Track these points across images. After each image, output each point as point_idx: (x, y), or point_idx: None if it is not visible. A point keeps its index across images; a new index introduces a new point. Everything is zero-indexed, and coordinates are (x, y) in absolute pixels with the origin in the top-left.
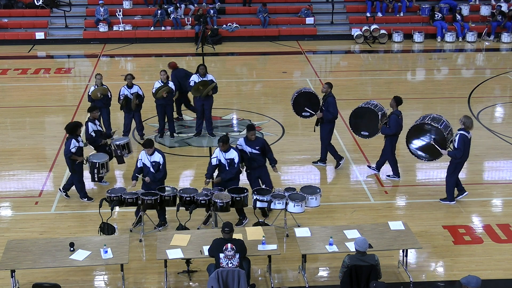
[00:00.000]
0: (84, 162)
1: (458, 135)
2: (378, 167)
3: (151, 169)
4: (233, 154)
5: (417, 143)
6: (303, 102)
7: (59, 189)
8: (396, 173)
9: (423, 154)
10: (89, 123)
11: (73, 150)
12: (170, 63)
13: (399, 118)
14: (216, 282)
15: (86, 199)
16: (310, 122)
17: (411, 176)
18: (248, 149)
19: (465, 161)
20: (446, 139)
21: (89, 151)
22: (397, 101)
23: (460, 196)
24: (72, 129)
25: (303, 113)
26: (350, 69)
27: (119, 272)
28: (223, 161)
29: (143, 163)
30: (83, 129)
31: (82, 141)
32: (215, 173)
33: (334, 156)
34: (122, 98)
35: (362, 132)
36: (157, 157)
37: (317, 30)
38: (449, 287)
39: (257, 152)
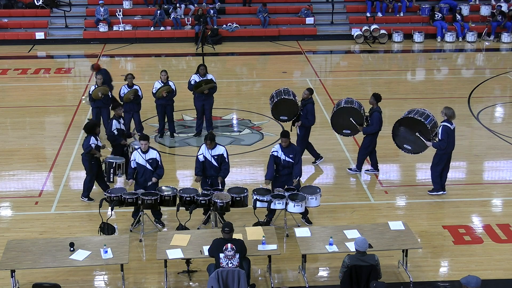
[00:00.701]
0: (101, 161)
1: (441, 127)
2: (374, 165)
3: (148, 167)
4: (221, 150)
5: (402, 136)
6: (282, 107)
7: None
8: (359, 167)
9: (409, 147)
10: (114, 121)
11: (92, 145)
12: (93, 65)
13: (380, 115)
14: (216, 282)
15: (87, 199)
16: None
17: (411, 176)
18: (282, 156)
19: (451, 152)
20: (430, 131)
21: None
22: (377, 98)
23: (439, 192)
24: (91, 128)
25: (281, 117)
26: (350, 69)
27: (119, 272)
28: (209, 157)
29: (136, 163)
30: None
31: (100, 141)
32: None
33: (312, 154)
34: (124, 94)
35: (344, 131)
36: (153, 153)
37: (317, 30)
38: (449, 287)
39: (291, 160)
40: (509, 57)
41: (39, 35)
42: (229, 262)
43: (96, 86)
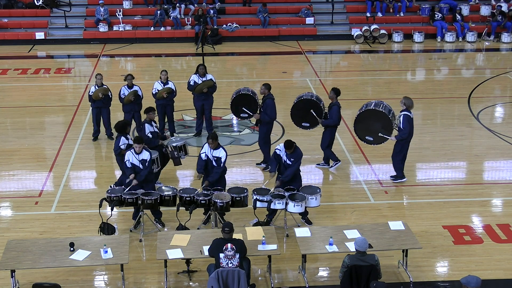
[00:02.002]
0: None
1: (402, 116)
2: (327, 161)
3: (142, 167)
4: (221, 153)
5: (364, 128)
6: (242, 103)
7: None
8: (327, 162)
9: (371, 138)
10: (146, 124)
11: (123, 146)
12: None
13: (339, 109)
14: (216, 282)
15: None
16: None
17: (411, 176)
18: (284, 157)
19: (410, 139)
20: (391, 122)
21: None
22: (337, 92)
23: (399, 181)
24: (121, 127)
25: (241, 114)
26: (350, 69)
27: (119, 272)
28: (210, 157)
29: (131, 163)
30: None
31: (132, 139)
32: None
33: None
34: (123, 97)
35: (303, 124)
36: (146, 155)
37: (317, 30)
38: (449, 287)
39: (290, 163)
40: (509, 57)
41: (39, 35)
42: (229, 262)
43: (96, 87)
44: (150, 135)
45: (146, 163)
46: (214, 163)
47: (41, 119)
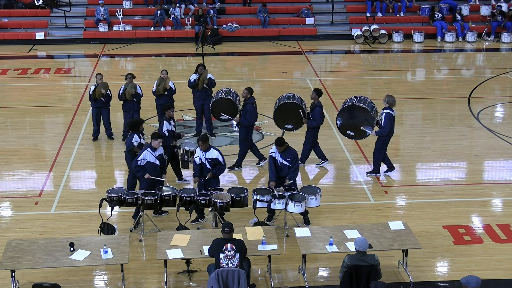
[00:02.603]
0: None
1: (384, 114)
2: (302, 160)
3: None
4: (214, 154)
5: (345, 123)
6: (222, 106)
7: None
8: (303, 160)
9: (352, 133)
10: (165, 122)
11: (135, 143)
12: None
13: (322, 110)
14: (216, 282)
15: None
16: None
17: (411, 176)
18: (279, 158)
19: (391, 137)
20: (373, 118)
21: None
22: (318, 93)
23: (389, 172)
24: (135, 125)
25: (221, 117)
26: (350, 69)
27: (119, 272)
28: (203, 160)
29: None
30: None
31: (144, 139)
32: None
33: (256, 155)
34: (123, 90)
35: (286, 126)
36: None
37: (317, 30)
38: (449, 287)
39: (287, 163)
40: (509, 57)
41: (39, 35)
42: (229, 262)
43: (96, 86)
44: (166, 133)
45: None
46: (208, 165)
47: (41, 119)
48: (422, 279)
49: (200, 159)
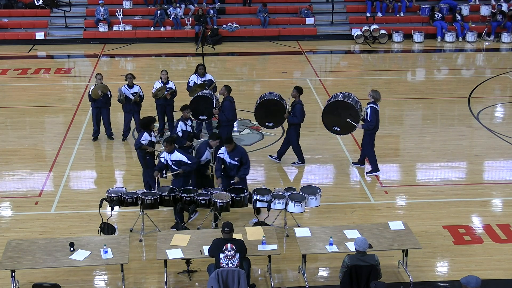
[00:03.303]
0: (156, 156)
1: (369, 108)
2: (280, 155)
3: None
4: (178, 156)
5: (331, 119)
6: (201, 104)
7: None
8: (301, 159)
9: (337, 129)
10: (180, 122)
11: (144, 142)
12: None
13: (303, 107)
14: (216, 282)
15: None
16: (310, 122)
17: (411, 176)
18: (228, 159)
19: (377, 131)
20: (358, 113)
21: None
22: (299, 90)
23: (357, 165)
24: (146, 124)
25: (200, 116)
26: (350, 69)
27: (119, 272)
28: (169, 162)
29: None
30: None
31: (156, 137)
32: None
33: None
34: (121, 96)
35: (267, 124)
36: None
37: (317, 30)
38: (449, 287)
39: (236, 163)
40: (509, 57)
41: (39, 35)
42: (229, 262)
43: (96, 85)
44: (180, 134)
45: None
46: (174, 167)
47: (41, 119)
48: (422, 279)
49: (166, 159)
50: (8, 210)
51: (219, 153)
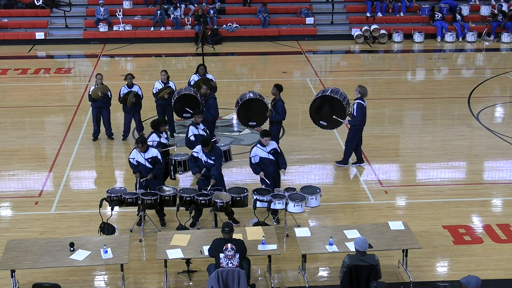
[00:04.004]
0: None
1: (355, 104)
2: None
3: (148, 165)
4: (153, 153)
5: (319, 114)
6: (184, 102)
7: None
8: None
9: (325, 123)
10: (191, 127)
11: (150, 143)
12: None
13: (284, 105)
14: (216, 282)
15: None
16: (310, 122)
17: (411, 176)
18: (204, 158)
19: (363, 127)
20: (345, 108)
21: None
22: (279, 88)
23: (357, 164)
24: (156, 125)
25: (184, 114)
26: (350, 69)
27: (119, 272)
28: (142, 161)
29: (137, 161)
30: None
31: (167, 138)
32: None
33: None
34: (122, 95)
35: (250, 123)
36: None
37: (317, 30)
38: (449, 287)
39: (212, 162)
40: (509, 57)
41: (39, 35)
42: (229, 262)
43: (96, 86)
44: (193, 138)
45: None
46: (148, 165)
47: (41, 119)
48: (422, 279)
49: (137, 160)
50: (8, 210)
51: (193, 151)
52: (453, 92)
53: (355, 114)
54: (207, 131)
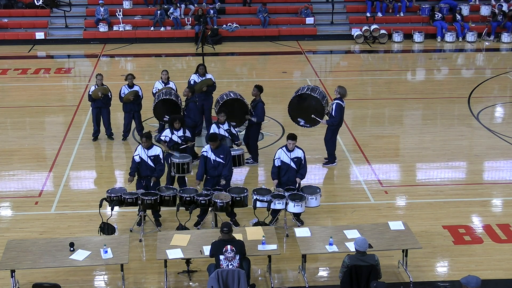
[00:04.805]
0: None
1: (334, 104)
2: (255, 158)
3: (150, 163)
4: (156, 151)
5: (297, 111)
6: (164, 107)
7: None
8: (255, 159)
9: (302, 121)
10: (213, 125)
11: (162, 138)
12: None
13: (263, 106)
14: (216, 282)
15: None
16: None
17: (411, 176)
18: (212, 156)
19: (340, 127)
20: (324, 107)
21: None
22: (260, 89)
23: (330, 164)
24: (171, 121)
25: (164, 119)
26: (350, 69)
27: (119, 272)
28: (144, 158)
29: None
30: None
31: (182, 137)
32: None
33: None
34: (124, 94)
35: (231, 123)
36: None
37: (317, 30)
38: (449, 287)
39: (221, 161)
40: (509, 57)
41: (39, 35)
42: (229, 263)
43: (96, 86)
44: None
45: (159, 159)
46: (150, 163)
47: (41, 119)
48: (422, 279)
49: (140, 157)
50: (8, 210)
51: (203, 151)
52: (453, 92)
53: (333, 114)
54: (232, 132)
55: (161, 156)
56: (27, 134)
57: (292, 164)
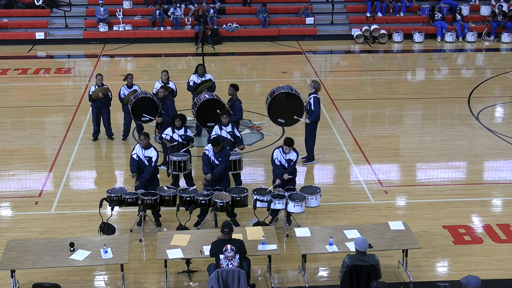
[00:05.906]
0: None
1: (312, 98)
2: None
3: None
4: (152, 153)
5: (276, 111)
6: (142, 106)
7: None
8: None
9: (282, 121)
10: (216, 126)
11: (164, 135)
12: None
13: (241, 104)
14: (216, 282)
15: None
16: None
17: (411, 176)
18: (212, 157)
19: (318, 121)
20: (302, 104)
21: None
22: (235, 88)
23: (309, 162)
24: (172, 120)
25: (142, 118)
26: (350, 69)
27: (119, 272)
28: (142, 157)
29: (138, 156)
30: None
31: (183, 136)
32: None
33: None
34: (123, 97)
35: (208, 124)
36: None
37: (317, 30)
38: (449, 287)
39: (218, 163)
40: (509, 57)
41: (39, 35)
42: (229, 263)
43: (97, 87)
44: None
45: (152, 161)
46: (146, 163)
47: (41, 119)
48: (422, 279)
49: (138, 156)
50: (8, 210)
51: (205, 149)
52: (453, 92)
53: (313, 108)
54: (236, 134)
55: (153, 160)
56: (27, 134)
57: (286, 165)
